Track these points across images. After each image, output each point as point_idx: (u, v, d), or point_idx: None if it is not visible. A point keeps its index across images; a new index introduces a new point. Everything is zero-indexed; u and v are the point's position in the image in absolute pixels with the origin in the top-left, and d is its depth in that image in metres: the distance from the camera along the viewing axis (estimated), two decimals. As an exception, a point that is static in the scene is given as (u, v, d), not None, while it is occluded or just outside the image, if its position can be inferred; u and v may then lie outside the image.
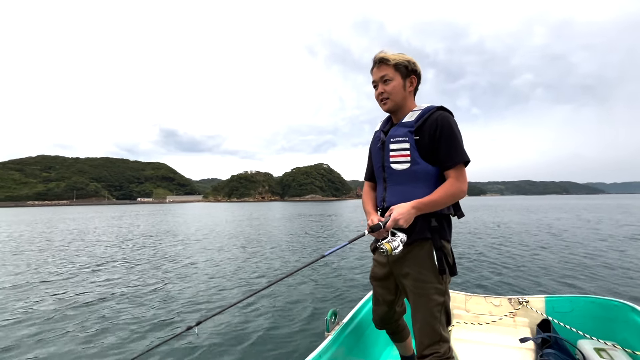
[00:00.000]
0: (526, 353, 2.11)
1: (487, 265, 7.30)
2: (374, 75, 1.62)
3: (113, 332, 4.04)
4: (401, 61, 1.57)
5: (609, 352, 2.02)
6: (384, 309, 1.78)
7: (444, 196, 1.45)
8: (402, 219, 1.40)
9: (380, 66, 1.59)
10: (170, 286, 6.06)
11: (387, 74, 1.58)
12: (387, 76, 1.58)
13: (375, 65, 1.61)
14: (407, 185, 1.54)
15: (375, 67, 1.61)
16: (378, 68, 1.60)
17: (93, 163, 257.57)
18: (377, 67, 1.60)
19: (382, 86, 1.60)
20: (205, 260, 8.71)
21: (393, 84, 1.58)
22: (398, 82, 1.58)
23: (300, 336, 3.85)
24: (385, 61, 1.57)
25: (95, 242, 12.91)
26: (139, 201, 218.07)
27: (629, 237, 11.81)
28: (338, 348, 1.90)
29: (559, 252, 8.95)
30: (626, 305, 2.23)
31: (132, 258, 9.18)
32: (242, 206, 74.68)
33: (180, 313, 4.66)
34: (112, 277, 6.91)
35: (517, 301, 2.51)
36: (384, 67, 1.58)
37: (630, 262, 7.41)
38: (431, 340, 1.48)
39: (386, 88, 1.59)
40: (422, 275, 1.51)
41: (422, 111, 1.55)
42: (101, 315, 4.64)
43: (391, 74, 1.57)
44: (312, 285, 5.94)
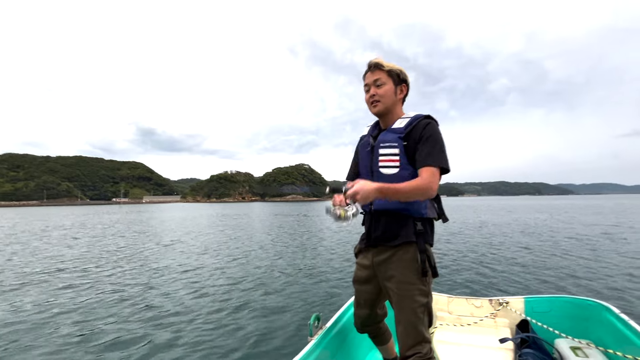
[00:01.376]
0: (506, 353, 2.16)
1: (468, 267, 7.45)
2: (367, 79, 1.66)
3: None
4: (394, 69, 1.62)
5: (584, 350, 2.08)
6: (365, 312, 1.79)
7: (410, 188, 1.44)
8: (361, 193, 1.38)
9: (374, 71, 1.63)
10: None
11: (380, 77, 1.62)
12: (380, 80, 1.61)
13: (370, 69, 1.65)
14: None
15: (370, 71, 1.65)
16: (372, 72, 1.64)
17: (65, 162, 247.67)
18: (371, 71, 1.64)
19: (374, 89, 1.62)
20: (172, 265, 8.51)
21: (385, 87, 1.61)
22: (390, 87, 1.62)
23: (282, 341, 3.80)
24: (380, 66, 1.62)
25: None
26: (115, 201, 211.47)
27: (601, 236, 12.35)
28: (321, 352, 1.88)
29: (538, 252, 9.26)
30: (600, 304, 2.32)
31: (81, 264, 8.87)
32: (222, 206, 73.63)
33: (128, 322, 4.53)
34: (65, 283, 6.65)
35: (498, 302, 2.56)
36: (377, 72, 1.62)
37: (604, 262, 7.74)
38: (415, 340, 1.50)
39: (378, 91, 1.62)
40: (406, 277, 1.53)
41: (412, 119, 1.58)
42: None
43: (384, 79, 1.61)
44: (294, 290, 5.89)
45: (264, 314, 4.69)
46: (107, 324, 4.35)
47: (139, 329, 4.16)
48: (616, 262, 7.69)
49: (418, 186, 1.44)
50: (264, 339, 3.87)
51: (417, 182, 1.46)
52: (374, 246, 1.65)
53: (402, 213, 1.55)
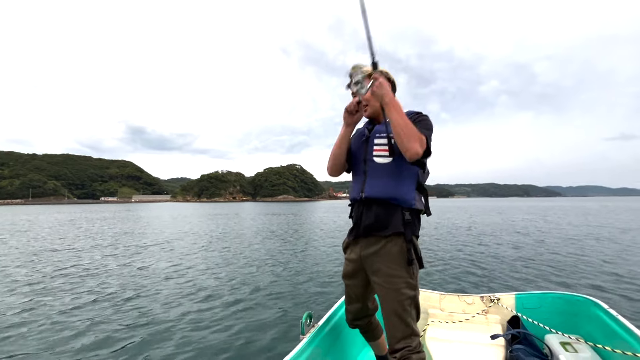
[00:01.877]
0: (497, 349, 2.17)
1: (460, 265, 7.52)
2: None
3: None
4: (391, 77, 1.70)
5: (573, 345, 2.11)
6: (356, 307, 1.81)
7: (407, 122, 1.46)
8: (381, 87, 1.49)
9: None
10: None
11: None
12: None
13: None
14: (387, 179, 1.59)
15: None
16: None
17: (52, 160, 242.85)
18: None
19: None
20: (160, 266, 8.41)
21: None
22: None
23: (274, 340, 3.78)
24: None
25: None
26: (103, 200, 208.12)
27: (588, 235, 12.60)
28: (313, 350, 1.88)
29: (528, 250, 9.42)
30: (589, 300, 2.35)
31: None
32: (212, 206, 73.03)
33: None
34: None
35: (489, 299, 2.58)
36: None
37: (592, 259, 7.91)
38: (403, 333, 1.52)
39: (365, 96, 1.66)
40: (394, 270, 1.55)
41: (406, 113, 1.62)
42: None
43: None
44: (286, 289, 5.87)
45: (256, 313, 4.66)
46: (93, 325, 4.28)
47: (128, 330, 4.10)
48: (604, 259, 7.88)
49: (412, 130, 1.45)
50: (256, 337, 3.84)
51: (413, 128, 1.47)
52: (364, 236, 1.66)
53: (392, 203, 1.58)
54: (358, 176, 1.75)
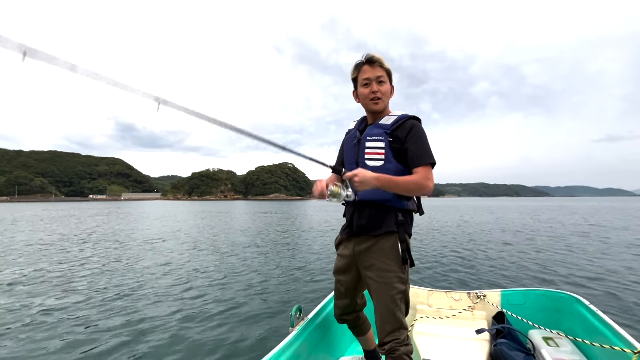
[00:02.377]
0: (482, 344, 2.22)
1: (449, 262, 7.65)
2: (368, 72, 1.65)
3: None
4: (389, 69, 1.68)
5: (555, 340, 2.18)
6: (345, 302, 1.84)
7: (407, 182, 1.52)
8: (359, 179, 1.47)
9: (375, 66, 1.64)
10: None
11: (382, 75, 1.65)
12: (382, 77, 1.66)
13: (370, 63, 1.65)
14: None
15: (370, 65, 1.65)
16: (373, 67, 1.65)
17: (39, 157, 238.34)
18: (372, 65, 1.65)
19: (377, 86, 1.65)
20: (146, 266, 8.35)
21: (386, 86, 1.68)
22: (388, 87, 1.70)
23: (263, 332, 3.82)
24: (382, 63, 1.64)
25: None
26: (91, 198, 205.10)
27: (573, 234, 12.86)
28: (302, 343, 1.90)
29: (515, 248, 9.57)
30: (571, 296, 2.42)
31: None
32: (203, 204, 72.44)
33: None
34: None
35: (476, 295, 2.64)
36: (379, 69, 1.65)
37: (576, 257, 8.09)
38: (392, 326, 1.56)
39: (381, 89, 1.66)
40: (386, 265, 1.59)
41: (398, 117, 1.66)
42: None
43: (385, 77, 1.66)
44: (277, 284, 5.91)
45: (246, 307, 4.68)
46: (79, 324, 4.23)
47: (114, 329, 4.06)
48: (587, 257, 8.07)
49: (415, 181, 1.52)
50: (245, 330, 3.88)
51: (413, 178, 1.54)
52: (356, 235, 1.69)
53: (386, 204, 1.61)
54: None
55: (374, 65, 1.64)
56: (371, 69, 1.64)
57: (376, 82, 1.65)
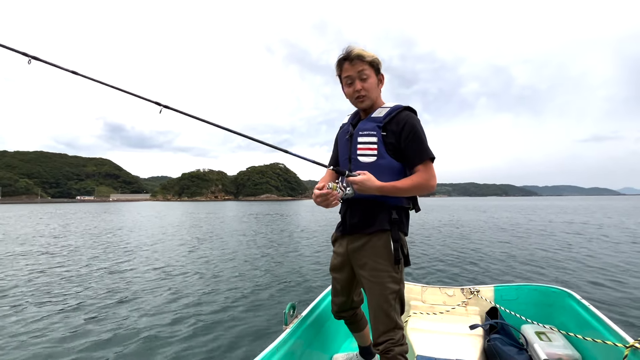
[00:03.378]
0: (475, 339, 2.22)
1: (443, 258, 7.71)
2: (349, 70, 1.57)
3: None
4: (374, 59, 1.56)
5: (547, 335, 2.19)
6: (342, 299, 1.82)
7: (410, 185, 1.49)
8: (361, 184, 1.46)
9: (356, 62, 1.54)
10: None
11: (364, 69, 1.55)
12: (364, 73, 1.55)
13: (350, 60, 1.55)
14: None
15: (349, 62, 1.55)
16: (353, 64, 1.55)
17: (24, 157, 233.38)
18: (351, 63, 1.55)
19: (360, 83, 1.57)
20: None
21: (370, 81, 1.58)
22: (374, 80, 1.59)
23: (257, 330, 3.80)
24: (362, 57, 1.53)
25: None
26: (79, 199, 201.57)
27: (564, 231, 13.09)
28: (296, 341, 1.88)
29: (508, 245, 9.71)
30: (563, 291, 2.44)
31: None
32: (193, 205, 71.79)
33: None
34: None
35: (469, 291, 2.65)
36: (360, 63, 1.54)
37: (568, 253, 8.22)
38: (386, 327, 1.53)
39: (364, 85, 1.57)
40: (379, 264, 1.55)
41: (391, 109, 1.58)
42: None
43: (368, 71, 1.56)
44: (269, 281, 5.89)
45: (239, 305, 4.66)
46: (76, 328, 4.14)
47: (108, 328, 3.99)
48: (578, 253, 8.21)
49: (418, 183, 1.49)
50: (239, 328, 3.86)
51: (415, 179, 1.50)
52: (349, 233, 1.66)
53: (379, 201, 1.57)
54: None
55: (353, 62, 1.54)
56: (351, 65, 1.55)
57: (359, 79, 1.56)
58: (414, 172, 1.54)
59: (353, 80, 1.58)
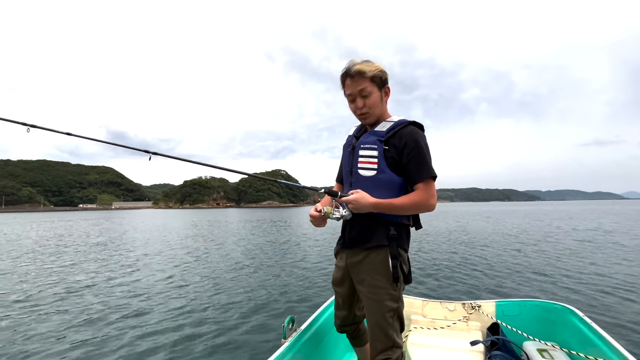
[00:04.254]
0: (477, 355, 2.20)
1: (444, 271, 7.59)
2: (350, 87, 1.55)
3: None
4: (377, 73, 1.52)
5: (550, 352, 2.16)
6: (344, 313, 1.81)
7: (408, 203, 1.48)
8: (355, 203, 1.47)
9: (356, 79, 1.52)
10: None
11: (365, 87, 1.53)
12: (366, 90, 1.53)
13: (350, 76, 1.53)
14: (371, 192, 1.52)
15: (350, 78, 1.53)
16: (354, 80, 1.53)
17: (27, 166, 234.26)
18: (352, 79, 1.53)
19: (362, 100, 1.55)
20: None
21: (372, 97, 1.55)
22: (377, 95, 1.56)
23: (254, 344, 3.77)
24: (362, 74, 1.50)
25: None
26: (81, 207, 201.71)
27: (570, 241, 12.88)
28: (295, 355, 1.87)
29: (512, 257, 9.52)
30: (566, 307, 2.41)
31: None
32: (195, 213, 71.67)
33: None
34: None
35: (471, 306, 2.62)
36: (361, 80, 1.52)
37: (571, 266, 8.04)
38: (384, 345, 1.51)
39: (367, 102, 1.55)
40: (377, 281, 1.53)
41: (395, 123, 1.56)
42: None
43: (369, 88, 1.53)
44: (268, 293, 5.84)
45: (236, 318, 4.62)
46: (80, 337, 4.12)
47: (103, 336, 3.97)
48: (582, 266, 8.01)
49: (417, 202, 1.48)
50: (237, 342, 3.83)
51: (413, 197, 1.48)
52: (349, 247, 1.66)
53: (377, 217, 1.56)
54: (345, 187, 1.72)
55: (354, 79, 1.51)
56: (352, 82, 1.53)
57: (360, 97, 1.55)
58: (414, 190, 1.52)
59: (355, 97, 1.57)
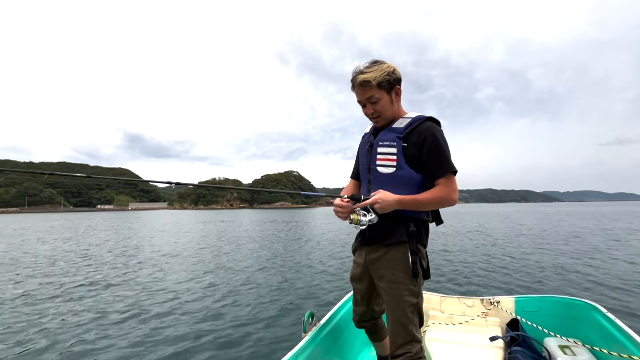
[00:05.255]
0: (496, 351, 2.18)
1: (462, 267, 7.58)
2: (359, 96, 1.60)
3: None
4: (383, 77, 1.53)
5: (572, 349, 2.12)
6: (362, 309, 1.82)
7: (430, 199, 1.50)
8: (381, 203, 1.48)
9: (363, 88, 1.56)
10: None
11: (372, 94, 1.56)
12: (374, 97, 1.56)
13: (357, 87, 1.57)
14: (390, 189, 1.54)
15: (358, 89, 1.57)
16: (362, 90, 1.56)
17: (48, 168, 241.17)
18: (360, 89, 1.57)
19: (371, 107, 1.59)
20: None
21: (382, 103, 1.58)
22: (386, 100, 1.58)
23: (276, 338, 3.84)
24: (368, 83, 1.53)
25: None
26: (99, 208, 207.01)
27: (591, 239, 12.60)
28: (315, 348, 1.90)
29: (530, 253, 9.45)
30: (588, 304, 2.37)
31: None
32: (209, 213, 72.64)
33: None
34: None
35: (489, 302, 2.60)
36: (367, 89, 1.55)
37: (593, 263, 7.92)
38: (404, 340, 1.52)
39: (376, 108, 1.59)
40: (397, 277, 1.55)
41: (412, 119, 1.58)
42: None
43: (377, 94, 1.56)
44: (289, 287, 5.94)
45: (259, 312, 4.73)
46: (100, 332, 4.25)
47: (128, 332, 4.07)
48: (604, 263, 7.88)
49: (439, 197, 1.50)
50: (259, 335, 3.91)
51: (435, 192, 1.50)
52: (368, 244, 1.67)
53: (397, 214, 1.56)
54: (363, 185, 1.74)
55: (363, 89, 1.55)
56: (361, 92, 1.57)
57: (369, 104, 1.58)
58: (434, 185, 1.53)
59: (364, 104, 1.62)
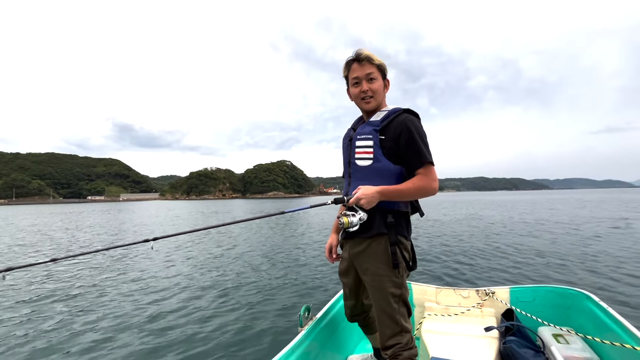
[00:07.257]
0: (491, 341, 2.21)
1: (457, 259, 7.60)
2: (357, 71, 1.60)
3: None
4: (382, 63, 1.60)
5: (565, 337, 2.16)
6: (352, 302, 1.85)
7: (412, 188, 1.50)
8: (365, 198, 1.49)
9: (364, 64, 1.58)
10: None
11: (372, 71, 1.59)
12: (373, 75, 1.59)
13: (359, 61, 1.59)
14: (369, 181, 1.57)
15: (359, 63, 1.59)
16: (362, 65, 1.59)
17: (36, 159, 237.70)
18: (360, 63, 1.59)
19: (367, 84, 1.60)
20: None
21: (377, 83, 1.61)
22: (380, 83, 1.63)
23: (273, 332, 3.85)
24: (371, 60, 1.57)
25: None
26: (89, 199, 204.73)
27: (582, 228, 12.78)
28: (311, 342, 1.92)
29: (524, 243, 9.50)
30: (581, 293, 2.40)
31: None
32: (201, 204, 72.32)
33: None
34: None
35: (484, 292, 2.62)
36: (368, 65, 1.58)
37: (586, 252, 8.02)
38: (393, 331, 1.55)
39: (372, 87, 1.60)
40: (379, 269, 1.56)
41: (389, 112, 1.60)
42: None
43: (375, 74, 1.60)
44: (284, 283, 5.92)
45: (254, 307, 4.71)
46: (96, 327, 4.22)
47: (118, 331, 4.06)
48: (597, 252, 7.97)
49: (420, 186, 1.50)
50: (255, 330, 3.91)
51: (415, 181, 1.51)
52: (351, 237, 1.68)
53: (375, 205, 1.56)
54: (345, 179, 1.77)
55: (362, 63, 1.58)
56: (360, 67, 1.59)
57: (366, 81, 1.60)
58: (414, 176, 1.54)
59: (360, 80, 1.61)
